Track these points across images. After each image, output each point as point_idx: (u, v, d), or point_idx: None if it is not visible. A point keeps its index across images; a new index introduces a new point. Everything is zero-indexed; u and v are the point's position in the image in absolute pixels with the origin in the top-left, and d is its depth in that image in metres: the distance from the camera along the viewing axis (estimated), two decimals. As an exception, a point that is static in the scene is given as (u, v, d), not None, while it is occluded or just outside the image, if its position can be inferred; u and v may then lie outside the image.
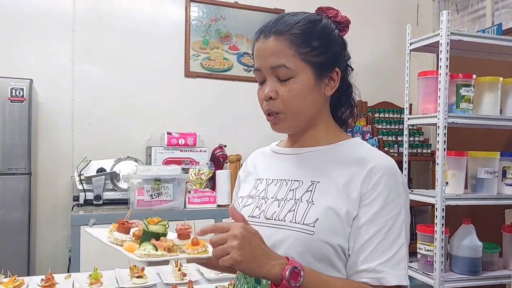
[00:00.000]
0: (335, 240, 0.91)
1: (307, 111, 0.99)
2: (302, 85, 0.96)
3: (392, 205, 0.92)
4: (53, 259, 3.17)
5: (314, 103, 1.00)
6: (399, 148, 3.62)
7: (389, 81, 4.05)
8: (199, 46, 3.60)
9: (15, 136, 2.73)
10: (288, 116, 0.98)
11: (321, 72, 0.98)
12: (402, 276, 0.90)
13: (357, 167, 0.95)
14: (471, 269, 2.41)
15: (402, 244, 0.91)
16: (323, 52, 0.97)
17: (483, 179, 2.46)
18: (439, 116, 2.32)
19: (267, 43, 0.97)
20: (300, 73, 0.96)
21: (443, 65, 2.31)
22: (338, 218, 0.92)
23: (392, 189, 0.93)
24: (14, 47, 3.15)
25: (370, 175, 0.93)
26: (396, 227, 0.91)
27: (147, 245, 0.96)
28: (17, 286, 1.60)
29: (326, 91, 1.00)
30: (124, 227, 1.05)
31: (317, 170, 0.99)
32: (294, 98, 0.96)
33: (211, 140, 3.47)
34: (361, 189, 0.93)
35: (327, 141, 1.03)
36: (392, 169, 0.95)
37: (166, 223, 1.05)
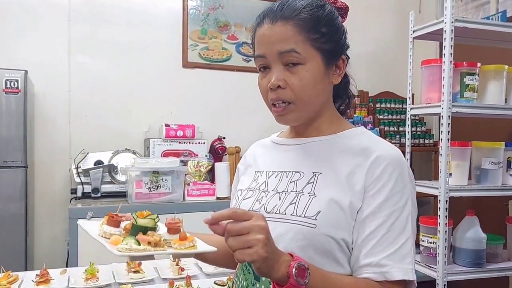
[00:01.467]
0: (338, 233, 0.87)
1: (316, 101, 0.95)
2: (313, 73, 0.92)
3: (398, 196, 0.88)
4: (51, 253, 3.14)
5: (323, 92, 0.96)
6: (401, 139, 3.57)
7: (390, 71, 3.99)
8: (197, 35, 3.54)
9: (11, 128, 2.69)
10: (298, 106, 0.93)
11: (330, 60, 0.94)
12: (408, 271, 0.86)
13: (361, 157, 0.91)
14: (475, 261, 2.38)
15: (408, 237, 0.87)
16: (331, 39, 0.94)
17: (487, 170, 2.41)
18: (443, 105, 2.27)
19: (274, 28, 0.91)
20: (310, 60, 0.91)
21: (447, 53, 2.25)
22: (341, 211, 0.88)
23: (398, 179, 0.89)
24: (9, 38, 3.09)
25: (374, 166, 0.89)
26: (401, 219, 0.87)
27: (130, 239, 0.92)
28: (11, 282, 1.57)
29: (333, 79, 0.97)
30: (114, 220, 1.01)
31: (319, 161, 0.95)
32: (305, 87, 0.91)
33: (210, 132, 3.43)
34: (365, 180, 0.89)
35: (330, 131, 0.99)
36: (398, 159, 0.91)
37: (155, 217, 1.01)
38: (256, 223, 0.74)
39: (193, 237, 0.98)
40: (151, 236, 0.93)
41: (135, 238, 0.93)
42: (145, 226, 0.97)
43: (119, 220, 1.02)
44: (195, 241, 0.97)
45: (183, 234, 0.96)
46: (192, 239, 0.97)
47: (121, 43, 3.34)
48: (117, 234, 0.98)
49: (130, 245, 0.90)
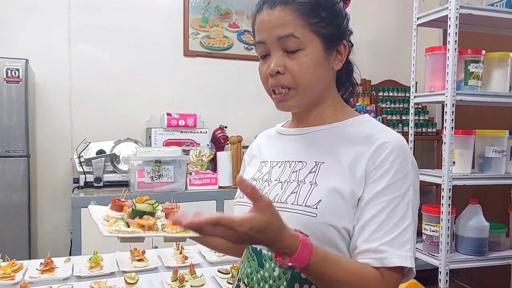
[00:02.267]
0: (339, 222, 0.86)
1: (317, 86, 0.94)
2: (312, 58, 0.90)
3: (399, 183, 0.86)
4: (54, 242, 3.15)
5: (324, 78, 0.94)
6: (404, 128, 3.56)
7: (393, 59, 3.97)
8: (198, 24, 3.51)
9: (13, 117, 2.68)
10: (298, 92, 0.92)
11: (330, 45, 0.93)
12: (407, 257, 0.84)
13: (363, 145, 0.90)
14: (477, 249, 2.38)
15: (408, 224, 0.86)
16: (331, 23, 0.92)
17: (491, 158, 2.40)
18: (447, 93, 2.25)
19: (273, 14, 0.90)
20: (309, 45, 0.90)
21: (451, 40, 2.23)
22: (342, 200, 0.87)
23: (400, 167, 0.87)
24: (9, 26, 3.07)
25: (376, 153, 0.88)
26: (402, 206, 0.86)
27: (120, 222, 0.96)
28: (16, 270, 1.57)
29: (334, 65, 0.95)
30: (116, 204, 1.05)
31: (322, 150, 0.94)
32: (304, 72, 0.90)
33: (212, 121, 3.41)
34: (367, 168, 0.88)
35: (333, 119, 0.98)
36: (401, 146, 0.90)
37: (153, 202, 1.03)
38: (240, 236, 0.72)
39: None
40: (145, 220, 0.95)
41: (125, 220, 0.96)
42: (143, 211, 0.99)
43: (121, 205, 1.05)
44: None
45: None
46: None
47: (121, 32, 3.32)
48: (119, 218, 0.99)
49: (119, 227, 0.93)
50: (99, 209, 1.09)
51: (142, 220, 0.96)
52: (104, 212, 1.07)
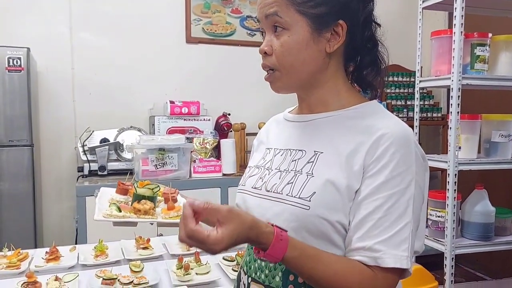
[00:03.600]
0: (333, 216, 0.83)
1: (303, 69, 0.90)
2: (295, 39, 0.88)
3: (399, 178, 0.82)
4: (60, 230, 3.17)
5: (312, 60, 0.90)
6: (409, 113, 3.53)
7: (397, 43, 3.86)
8: (200, 10, 3.47)
9: (16, 107, 2.67)
10: (282, 73, 0.91)
11: (320, 25, 0.88)
12: (403, 258, 0.79)
13: (363, 135, 0.86)
14: (483, 234, 2.37)
15: (407, 222, 0.81)
16: (322, 3, 0.87)
17: (497, 143, 2.38)
18: (453, 77, 2.22)
19: None
20: (294, 26, 0.88)
21: (457, 23, 2.20)
22: (337, 192, 0.84)
23: (401, 160, 0.82)
24: (9, 15, 3.04)
25: (376, 145, 0.84)
26: (401, 202, 0.81)
27: (113, 206, 0.97)
28: (21, 260, 1.57)
29: (327, 47, 0.90)
30: (121, 188, 1.07)
31: (323, 139, 0.91)
32: (286, 53, 0.88)
33: (215, 109, 3.40)
34: (365, 160, 0.84)
35: (338, 106, 0.94)
36: (403, 137, 0.84)
37: (153, 187, 1.04)
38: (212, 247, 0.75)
39: (180, 207, 0.99)
40: (142, 204, 0.95)
41: (117, 205, 0.98)
42: (142, 195, 1.00)
43: (126, 189, 1.07)
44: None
45: (170, 204, 1.00)
46: (179, 209, 0.99)
47: (123, 19, 3.29)
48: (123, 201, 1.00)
49: (111, 212, 0.95)
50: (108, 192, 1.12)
51: (138, 204, 0.96)
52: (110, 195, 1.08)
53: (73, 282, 1.38)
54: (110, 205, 0.98)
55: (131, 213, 0.96)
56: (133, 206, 0.97)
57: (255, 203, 0.95)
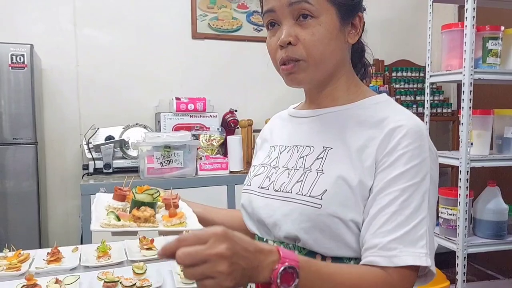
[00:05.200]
0: (346, 214, 0.79)
1: (331, 60, 0.86)
2: (327, 28, 0.83)
3: (413, 171, 0.77)
4: (65, 229, 3.15)
5: (338, 51, 0.87)
6: (418, 108, 3.47)
7: (407, 38, 3.85)
8: (206, 5, 3.43)
9: (20, 104, 2.64)
10: (310, 64, 0.85)
11: (346, 15, 0.85)
12: (421, 255, 0.74)
13: (374, 129, 0.82)
14: (496, 233, 2.32)
15: (423, 217, 0.76)
16: None
17: (510, 139, 2.32)
18: (465, 72, 2.17)
19: None
20: (324, 14, 0.83)
21: (469, 16, 2.14)
22: (349, 189, 0.79)
23: (415, 153, 0.78)
24: (13, 11, 3.02)
25: (388, 139, 0.80)
26: (416, 196, 0.76)
27: (111, 215, 0.90)
28: (22, 261, 1.54)
29: (349, 38, 0.88)
30: (117, 194, 1.00)
31: (332, 134, 0.87)
32: (318, 42, 0.83)
33: (221, 105, 3.35)
34: (377, 155, 0.80)
35: (347, 100, 0.90)
36: (416, 131, 0.80)
37: (153, 192, 0.98)
38: (214, 251, 0.59)
39: (183, 214, 0.95)
40: (141, 212, 0.90)
41: (115, 213, 0.92)
42: (141, 201, 0.94)
43: (124, 194, 1.00)
44: (185, 217, 0.94)
45: (172, 210, 0.94)
46: (182, 216, 0.94)
47: (128, 14, 3.25)
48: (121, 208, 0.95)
49: (109, 221, 0.88)
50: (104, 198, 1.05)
51: (138, 212, 0.90)
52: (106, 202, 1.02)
53: (73, 284, 1.34)
54: (108, 213, 0.92)
55: (130, 221, 0.90)
56: (132, 213, 0.91)
57: (262, 203, 0.91)
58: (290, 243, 0.86)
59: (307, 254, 0.83)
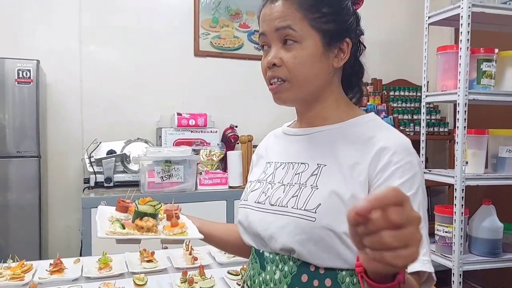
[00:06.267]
0: (339, 226, 0.83)
1: (313, 82, 0.92)
2: (309, 52, 0.89)
3: (408, 184, 0.82)
4: (65, 242, 3.17)
5: (322, 74, 0.92)
6: (415, 127, 3.52)
7: (404, 58, 3.93)
8: (209, 24, 3.51)
9: (24, 118, 2.70)
10: (293, 84, 0.91)
11: (330, 41, 0.91)
12: (425, 262, 0.79)
13: (365, 147, 0.87)
14: (491, 250, 2.34)
15: (421, 227, 0.81)
16: (333, 20, 0.90)
17: (504, 158, 2.36)
18: (459, 92, 2.22)
19: (274, 7, 0.91)
20: (307, 39, 0.89)
21: (464, 39, 2.20)
22: (342, 203, 0.84)
23: (407, 168, 0.83)
24: (20, 28, 3.09)
25: (378, 156, 0.85)
26: (413, 208, 0.81)
27: (116, 223, 0.96)
28: (25, 271, 1.57)
29: (334, 62, 0.93)
30: (120, 205, 1.06)
31: (325, 151, 0.92)
32: (299, 65, 0.89)
33: (222, 121, 3.41)
34: (369, 172, 0.85)
35: (337, 119, 0.96)
36: (404, 147, 0.86)
37: (155, 204, 1.04)
38: (415, 213, 0.53)
39: (184, 224, 1.00)
40: (144, 222, 0.95)
41: (120, 222, 0.96)
42: (144, 212, 0.99)
43: (126, 206, 1.05)
44: (186, 227, 0.99)
45: (174, 221, 0.99)
46: (183, 226, 0.99)
47: (132, 32, 3.33)
48: (123, 219, 0.99)
49: (114, 229, 0.93)
50: (107, 210, 1.10)
51: (141, 221, 0.95)
52: (109, 213, 1.07)
53: (76, 294, 1.38)
54: (113, 222, 0.97)
55: (134, 230, 0.95)
56: (135, 223, 0.96)
57: (258, 217, 0.95)
58: (285, 254, 0.90)
59: (301, 265, 0.88)
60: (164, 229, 0.99)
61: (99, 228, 0.95)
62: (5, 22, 3.06)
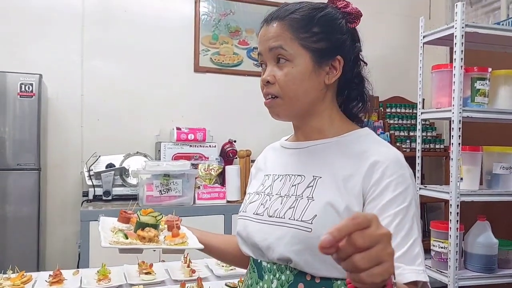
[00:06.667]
0: None
1: (304, 98, 0.96)
2: (299, 70, 0.94)
3: (401, 197, 0.86)
4: (63, 255, 3.17)
5: (312, 90, 0.96)
6: (412, 144, 3.56)
7: (401, 76, 3.99)
8: (209, 41, 3.57)
9: (25, 131, 2.73)
10: (285, 101, 0.96)
11: (321, 59, 0.95)
12: (420, 272, 0.82)
13: (359, 160, 0.91)
14: (486, 266, 2.36)
15: (415, 238, 0.84)
16: (323, 39, 0.95)
17: (498, 175, 2.40)
18: (454, 110, 2.27)
19: (268, 29, 0.97)
20: (298, 58, 0.94)
21: (457, 58, 2.26)
22: (336, 214, 0.88)
23: (399, 181, 0.87)
24: (24, 42, 3.14)
25: (372, 170, 0.89)
26: (407, 219, 0.85)
27: (120, 233, 0.99)
28: (25, 282, 1.59)
29: (326, 79, 0.97)
30: (122, 216, 1.08)
31: (320, 164, 0.96)
32: (290, 82, 0.94)
33: (221, 135, 3.44)
34: (363, 185, 0.89)
35: (332, 133, 1.00)
36: (396, 161, 0.90)
37: (157, 215, 1.06)
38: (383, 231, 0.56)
39: (184, 234, 1.03)
40: (146, 232, 0.98)
41: (123, 232, 1.00)
42: (146, 223, 1.02)
43: (128, 217, 1.08)
44: (187, 238, 1.02)
45: (175, 231, 1.02)
46: (184, 236, 1.02)
47: (133, 48, 3.39)
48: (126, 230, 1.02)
49: (118, 239, 0.97)
50: (109, 221, 1.12)
51: (143, 232, 0.98)
52: (112, 224, 1.10)
53: (75, 305, 1.39)
54: (116, 232, 1.00)
55: (136, 240, 0.98)
56: (137, 233, 0.99)
57: (256, 228, 0.98)
58: (282, 264, 0.93)
59: (297, 275, 0.91)
60: (165, 239, 1.02)
61: (102, 238, 0.97)
62: (9, 36, 3.11)
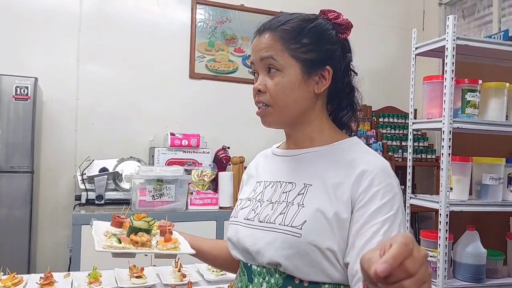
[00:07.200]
0: (323, 243, 0.89)
1: (293, 107, 0.99)
2: (289, 80, 0.97)
3: (389, 205, 0.89)
4: (54, 258, 3.17)
5: (302, 100, 0.99)
6: (404, 153, 3.60)
7: (393, 86, 4.04)
8: (205, 47, 3.60)
9: (19, 134, 2.74)
10: (275, 109, 0.99)
11: (310, 69, 0.98)
12: None
13: (347, 169, 0.94)
14: (474, 276, 2.38)
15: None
16: (313, 49, 0.98)
17: (488, 186, 2.43)
18: (444, 121, 2.30)
19: (260, 39, 1.00)
20: (288, 68, 0.97)
21: (448, 70, 2.29)
22: (326, 220, 0.90)
23: (387, 189, 0.90)
24: (20, 46, 3.16)
25: (360, 178, 0.92)
26: (395, 226, 0.88)
27: (113, 238, 1.01)
28: (16, 284, 1.59)
29: (315, 89, 1.00)
30: (116, 221, 1.09)
31: (311, 172, 0.99)
32: (280, 92, 0.97)
33: (215, 142, 3.47)
34: (352, 193, 0.91)
35: (322, 142, 1.02)
36: (384, 170, 0.93)
37: (149, 220, 1.08)
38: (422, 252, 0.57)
39: (177, 240, 1.05)
40: (139, 237, 0.99)
41: (117, 237, 1.01)
42: (139, 227, 1.04)
43: (121, 221, 1.09)
44: (179, 243, 1.04)
45: (167, 236, 1.04)
46: (176, 241, 1.04)
47: (129, 53, 3.41)
48: (118, 234, 1.03)
49: (111, 243, 0.98)
50: (102, 225, 1.13)
51: (136, 236, 0.99)
52: (105, 228, 1.11)
53: (66, 307, 1.40)
54: (110, 236, 1.01)
55: (129, 244, 0.99)
56: (130, 238, 1.01)
57: (247, 233, 1.00)
58: (272, 268, 0.95)
59: (286, 278, 0.93)
60: (157, 244, 1.03)
61: (96, 242, 0.99)
62: (5, 39, 3.13)
